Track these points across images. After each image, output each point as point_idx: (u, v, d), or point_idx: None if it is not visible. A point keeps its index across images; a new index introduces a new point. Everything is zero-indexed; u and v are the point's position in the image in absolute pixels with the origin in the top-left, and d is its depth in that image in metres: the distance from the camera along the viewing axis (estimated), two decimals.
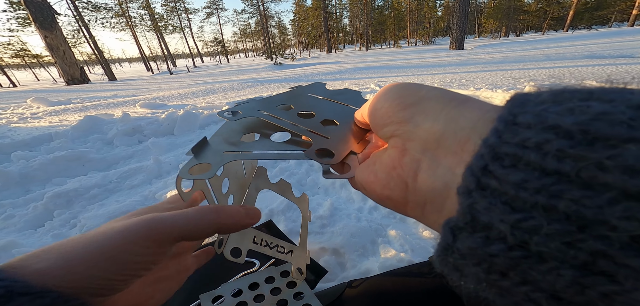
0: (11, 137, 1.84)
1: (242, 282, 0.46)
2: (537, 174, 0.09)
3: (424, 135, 0.14)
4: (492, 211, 0.10)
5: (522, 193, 0.09)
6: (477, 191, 0.11)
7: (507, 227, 0.10)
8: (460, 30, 9.55)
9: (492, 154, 0.10)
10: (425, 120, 0.14)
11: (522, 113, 0.10)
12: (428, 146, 0.14)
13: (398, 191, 0.16)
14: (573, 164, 0.09)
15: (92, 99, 4.31)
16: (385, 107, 0.17)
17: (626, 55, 4.12)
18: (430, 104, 0.15)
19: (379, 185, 0.17)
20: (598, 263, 0.08)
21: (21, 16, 18.37)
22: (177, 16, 30.96)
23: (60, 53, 8.95)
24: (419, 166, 0.15)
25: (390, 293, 0.39)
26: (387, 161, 0.17)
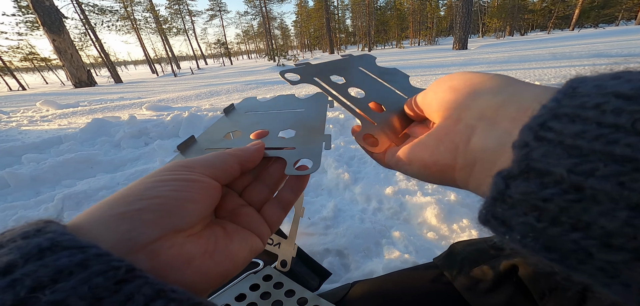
0: (22, 140, 1.89)
1: (244, 284, 0.46)
2: (594, 126, 0.10)
3: (483, 105, 0.15)
4: (549, 157, 0.11)
5: (579, 141, 0.10)
6: (534, 141, 0.11)
7: (564, 171, 0.10)
8: (463, 29, 9.48)
9: (551, 114, 0.11)
10: (487, 93, 0.15)
11: (582, 85, 0.11)
12: (485, 114, 0.15)
13: (447, 154, 0.16)
14: (629, 117, 0.09)
15: (99, 101, 4.38)
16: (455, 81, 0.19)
17: (634, 53, 4.05)
18: (496, 81, 0.16)
19: (427, 152, 0.18)
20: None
21: (30, 20, 18.76)
22: (181, 18, 31.29)
23: (68, 56, 9.11)
24: (473, 132, 0.15)
25: (394, 295, 0.39)
26: (439, 130, 0.18)
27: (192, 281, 0.15)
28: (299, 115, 0.30)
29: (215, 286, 0.17)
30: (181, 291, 0.13)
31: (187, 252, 0.16)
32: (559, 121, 0.11)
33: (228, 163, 0.21)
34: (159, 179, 0.17)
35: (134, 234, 0.14)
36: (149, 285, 0.12)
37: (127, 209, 0.15)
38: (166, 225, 0.15)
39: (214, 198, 0.19)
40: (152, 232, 0.15)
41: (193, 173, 0.18)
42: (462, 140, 0.16)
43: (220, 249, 0.18)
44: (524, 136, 0.12)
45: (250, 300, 0.44)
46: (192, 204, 0.17)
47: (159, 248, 0.15)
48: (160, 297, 0.12)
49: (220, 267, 0.17)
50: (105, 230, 0.14)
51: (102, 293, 0.11)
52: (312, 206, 0.89)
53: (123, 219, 0.14)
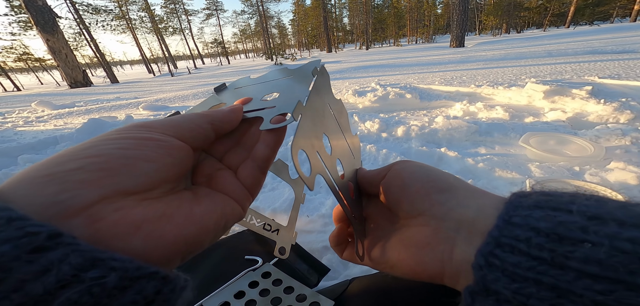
0: (17, 140, 1.87)
1: (243, 282, 0.46)
2: (526, 258, 0.13)
3: (458, 217, 0.18)
4: (499, 281, 0.14)
5: (518, 270, 0.13)
6: (486, 266, 0.14)
7: (510, 293, 0.13)
8: (460, 27, 9.51)
9: (495, 242, 0.15)
10: (459, 205, 0.18)
11: (515, 216, 0.15)
12: (462, 226, 0.17)
13: (435, 264, 0.18)
14: (549, 253, 0.13)
15: (95, 102, 4.34)
16: (417, 187, 0.20)
17: (628, 50, 4.09)
18: (461, 193, 0.19)
19: (413, 260, 0.19)
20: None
21: (22, 20, 18.50)
22: (177, 18, 31.03)
23: (63, 56, 9.01)
24: (454, 243, 0.17)
25: (393, 290, 0.39)
26: (420, 238, 0.19)
27: (143, 248, 0.13)
28: (287, 81, 0.29)
29: (177, 255, 0.15)
30: (126, 259, 0.12)
31: (136, 215, 0.14)
32: (502, 250, 0.14)
33: (197, 123, 0.19)
34: (105, 138, 0.15)
35: (65, 196, 0.12)
36: (79, 253, 0.11)
37: (57, 170, 0.12)
38: (109, 185, 0.13)
39: (180, 159, 0.17)
40: (89, 194, 0.12)
41: (150, 131, 0.16)
42: (446, 252, 0.17)
43: (182, 212, 0.16)
44: (479, 260, 0.15)
45: (249, 296, 0.44)
46: (145, 163, 0.15)
47: (100, 212, 0.12)
48: (96, 266, 0.11)
49: (181, 231, 0.15)
50: (28, 193, 0.12)
51: (8, 264, 0.10)
52: (311, 204, 0.90)
53: (51, 181, 0.12)
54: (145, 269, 0.12)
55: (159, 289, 0.13)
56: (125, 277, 0.11)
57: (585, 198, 0.14)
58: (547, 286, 0.12)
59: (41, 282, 0.10)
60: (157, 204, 0.15)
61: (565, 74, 2.89)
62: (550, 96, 1.88)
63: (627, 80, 2.13)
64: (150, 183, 0.15)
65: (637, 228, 0.12)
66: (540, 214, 0.14)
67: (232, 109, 0.21)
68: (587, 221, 0.13)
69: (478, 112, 1.85)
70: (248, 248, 0.56)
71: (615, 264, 0.11)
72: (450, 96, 2.37)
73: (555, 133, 1.32)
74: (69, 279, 0.10)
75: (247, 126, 0.22)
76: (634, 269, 0.11)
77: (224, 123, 0.20)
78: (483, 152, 1.31)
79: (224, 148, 0.22)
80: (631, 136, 1.23)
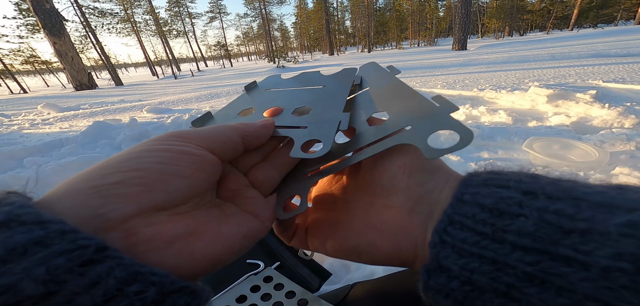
0: (23, 143, 1.90)
1: (244, 286, 0.47)
2: (472, 234, 0.14)
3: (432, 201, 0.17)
4: (449, 258, 0.14)
5: (464, 245, 0.14)
6: (440, 244, 0.15)
7: (458, 268, 0.14)
8: (462, 30, 9.50)
9: (448, 220, 0.15)
10: (434, 189, 0.18)
11: (466, 193, 0.15)
12: (435, 209, 0.17)
13: (410, 249, 0.18)
14: (490, 228, 0.13)
15: (100, 104, 4.40)
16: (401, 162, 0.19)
17: (633, 53, 4.06)
18: (440, 175, 0.18)
19: (387, 244, 0.18)
20: (511, 292, 0.12)
21: (30, 23, 18.84)
22: (181, 21, 31.40)
23: (69, 59, 9.14)
24: (427, 226, 0.17)
25: (394, 295, 0.39)
26: (395, 222, 0.18)
27: (175, 263, 0.14)
28: (319, 92, 0.27)
29: (203, 272, 0.15)
30: (163, 274, 0.12)
31: (170, 231, 0.14)
32: (453, 227, 0.15)
33: (228, 136, 0.19)
34: (145, 149, 0.15)
35: (106, 209, 0.12)
36: (123, 267, 0.11)
37: (101, 183, 0.13)
38: (145, 201, 0.13)
39: (211, 174, 0.17)
40: (127, 208, 0.13)
41: (187, 144, 0.16)
42: (420, 236, 0.17)
43: (210, 230, 0.16)
44: (434, 238, 0.15)
45: (250, 301, 0.44)
46: (180, 179, 0.15)
47: (135, 226, 0.13)
48: (138, 280, 0.11)
49: (209, 250, 0.15)
50: (74, 205, 0.12)
51: (63, 276, 0.10)
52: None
53: (96, 194, 0.13)
54: (178, 283, 0.13)
55: (189, 303, 0.13)
56: (162, 291, 0.12)
57: (524, 175, 0.15)
58: (488, 260, 0.13)
59: (90, 295, 0.10)
60: (187, 219, 0.15)
61: (569, 78, 2.87)
62: (554, 100, 1.87)
63: (632, 84, 2.11)
64: (182, 199, 0.15)
65: (562, 201, 0.12)
66: (486, 191, 0.14)
67: (263, 125, 0.21)
68: (523, 196, 0.13)
69: (481, 116, 1.85)
70: (249, 252, 0.57)
71: (542, 235, 0.12)
72: (453, 99, 2.37)
73: (559, 138, 1.31)
74: (114, 292, 0.11)
75: (275, 142, 0.22)
76: (557, 239, 0.12)
77: (255, 139, 0.20)
78: (486, 156, 1.30)
79: (250, 162, 0.21)
80: (636, 141, 1.22)
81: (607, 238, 0.11)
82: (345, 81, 0.28)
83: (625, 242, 0.11)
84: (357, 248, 0.19)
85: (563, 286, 0.11)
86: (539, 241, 0.12)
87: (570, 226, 0.12)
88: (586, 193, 0.13)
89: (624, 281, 0.10)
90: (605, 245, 0.11)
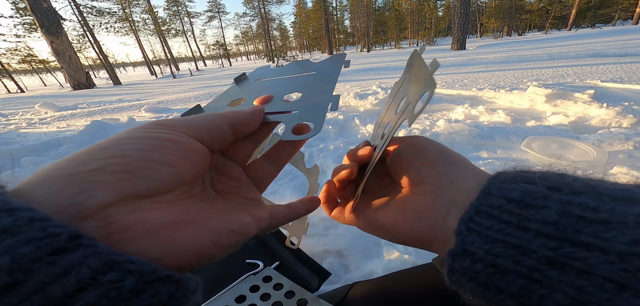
0: (21, 142, 1.88)
1: (244, 286, 0.47)
2: (497, 222, 0.15)
3: (456, 189, 0.19)
4: (474, 243, 0.16)
5: (490, 232, 0.15)
6: (466, 231, 0.16)
7: (482, 252, 0.15)
8: (461, 30, 9.52)
9: (475, 210, 0.16)
10: (458, 179, 0.20)
11: (493, 187, 0.17)
12: (458, 197, 0.19)
13: (428, 230, 0.19)
14: (516, 217, 0.15)
15: (98, 103, 4.38)
16: (428, 157, 0.22)
17: (631, 53, 4.08)
18: (463, 169, 0.20)
19: (408, 224, 0.20)
20: (533, 275, 0.13)
21: (27, 22, 18.71)
22: (180, 20, 31.29)
23: (66, 58, 9.09)
24: (449, 213, 0.19)
25: (394, 295, 0.39)
26: (420, 205, 0.20)
27: (159, 253, 0.13)
28: (309, 78, 0.27)
29: (189, 265, 0.15)
30: (143, 262, 0.12)
31: (153, 219, 0.13)
32: (479, 216, 0.16)
33: (216, 123, 0.18)
34: (127, 136, 0.15)
35: (82, 197, 0.12)
36: (98, 255, 0.11)
37: (79, 170, 0.12)
38: (126, 188, 0.13)
39: (198, 163, 0.17)
40: (105, 196, 0.12)
41: (171, 132, 0.16)
42: (440, 219, 0.19)
43: (199, 222, 0.15)
44: (461, 226, 0.17)
45: (250, 301, 0.44)
46: (164, 166, 0.14)
47: (114, 214, 0.12)
48: (114, 269, 0.11)
49: (196, 241, 0.15)
50: (49, 193, 0.12)
51: (30, 265, 0.09)
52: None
53: (72, 181, 0.12)
54: (161, 272, 0.12)
55: (173, 293, 0.13)
56: (141, 281, 0.11)
57: (552, 173, 0.16)
58: (512, 245, 0.14)
59: (61, 284, 0.10)
60: (173, 208, 0.15)
61: (567, 78, 2.88)
62: (553, 100, 1.87)
63: (630, 84, 2.12)
64: (166, 187, 0.15)
65: (586, 196, 0.14)
66: (513, 185, 0.16)
67: (253, 112, 0.20)
68: (548, 190, 0.15)
69: (480, 116, 1.85)
70: (249, 252, 0.57)
71: (565, 224, 0.13)
72: (452, 99, 2.37)
73: (558, 137, 1.32)
74: (88, 282, 0.10)
75: (266, 129, 0.22)
76: (579, 228, 0.13)
77: (244, 126, 0.20)
78: (485, 156, 1.31)
79: (245, 152, 0.21)
80: (634, 141, 1.22)
81: (625, 226, 0.12)
82: (336, 65, 0.29)
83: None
84: (383, 225, 0.21)
85: (582, 269, 0.12)
86: (561, 230, 0.13)
87: (593, 217, 0.13)
88: (609, 189, 0.14)
89: (638, 263, 0.11)
90: (623, 233, 0.12)
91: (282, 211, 0.22)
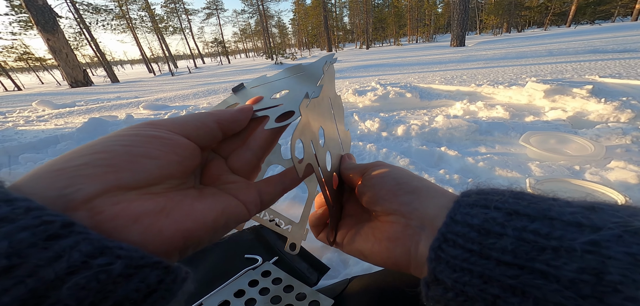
0: (18, 140, 1.87)
1: (243, 280, 0.47)
2: (461, 251, 0.16)
3: (421, 216, 0.20)
4: (443, 272, 0.16)
5: (456, 261, 0.16)
6: (435, 260, 0.17)
7: (451, 281, 0.16)
8: (461, 26, 9.49)
9: (443, 238, 0.17)
10: (421, 205, 0.21)
11: (458, 214, 0.17)
12: (425, 223, 0.20)
13: (403, 256, 0.20)
14: (478, 246, 0.15)
15: (95, 101, 4.35)
16: (386, 190, 0.22)
17: (629, 49, 4.08)
18: (423, 194, 0.21)
19: (385, 252, 0.21)
20: (497, 302, 0.14)
21: (23, 19, 18.51)
22: (177, 17, 31.02)
23: (63, 56, 9.02)
24: (420, 238, 0.19)
25: (392, 289, 0.40)
26: (392, 233, 0.21)
27: (141, 240, 0.14)
28: (297, 77, 0.29)
29: (174, 249, 0.15)
30: (132, 248, 0.12)
31: (136, 209, 0.14)
32: (447, 244, 0.16)
33: (203, 121, 0.19)
34: (114, 134, 0.16)
35: (70, 190, 0.13)
36: (89, 241, 0.11)
37: (67, 165, 0.13)
38: (111, 181, 0.14)
39: (185, 158, 0.17)
40: (91, 187, 0.13)
41: (157, 129, 0.17)
42: (413, 246, 0.20)
43: (182, 208, 0.16)
44: (430, 255, 0.17)
45: (249, 295, 0.44)
46: (148, 159, 0.15)
47: (101, 205, 0.13)
48: (104, 254, 0.11)
49: (179, 225, 0.15)
50: (40, 187, 0.13)
51: (26, 250, 0.10)
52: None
53: (61, 176, 0.13)
54: (149, 258, 0.13)
55: (162, 278, 0.13)
56: (130, 265, 0.12)
57: (509, 194, 0.16)
58: (477, 274, 0.15)
59: (53, 268, 0.10)
60: (158, 198, 0.15)
61: (565, 73, 2.88)
62: (551, 95, 1.87)
63: (628, 79, 2.12)
64: (152, 179, 0.15)
65: (540, 221, 0.14)
66: (474, 211, 0.16)
67: (240, 109, 0.21)
68: (504, 217, 0.15)
69: (478, 112, 1.85)
70: (248, 247, 0.57)
71: (521, 252, 0.14)
72: (451, 95, 2.37)
73: (556, 132, 1.32)
74: (79, 265, 0.11)
75: (255, 125, 0.22)
76: (533, 256, 0.13)
77: (232, 123, 0.20)
78: (483, 151, 1.31)
79: (232, 148, 0.22)
80: (632, 135, 1.23)
81: (573, 254, 0.13)
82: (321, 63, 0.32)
83: (588, 258, 0.12)
84: (363, 251, 0.23)
85: (539, 297, 0.13)
86: (518, 258, 0.14)
87: (544, 244, 0.13)
88: (560, 212, 0.14)
89: (586, 291, 0.12)
90: (572, 261, 0.13)
91: (273, 181, 0.22)
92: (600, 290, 0.12)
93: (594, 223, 0.13)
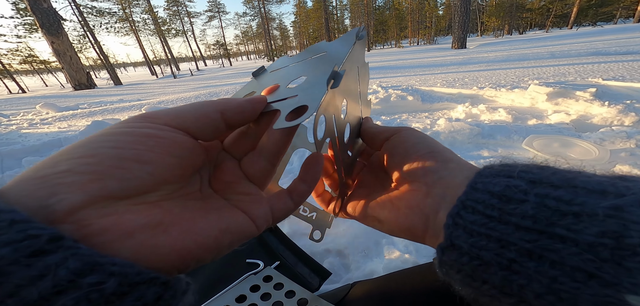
0: (22, 143, 1.89)
1: (244, 285, 0.46)
2: (481, 217, 0.16)
3: (446, 186, 0.20)
4: (460, 237, 0.16)
5: (474, 227, 0.16)
6: (453, 225, 0.17)
7: (467, 246, 0.16)
8: (462, 29, 9.49)
9: (462, 205, 0.17)
10: (448, 176, 0.20)
11: (478, 182, 0.17)
12: (448, 192, 0.19)
13: (420, 223, 0.20)
14: (498, 211, 0.15)
15: (98, 104, 4.38)
16: (418, 156, 0.22)
17: (632, 51, 4.06)
18: (452, 166, 0.21)
19: (402, 219, 0.21)
20: (513, 266, 0.14)
21: (28, 22, 18.75)
22: (180, 20, 31.31)
23: (67, 58, 9.11)
24: (440, 207, 0.19)
25: (394, 294, 0.39)
26: (412, 201, 0.21)
27: (134, 258, 0.12)
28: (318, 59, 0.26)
29: (171, 268, 0.14)
30: (126, 264, 0.11)
31: (128, 222, 0.12)
32: (465, 211, 0.17)
33: (203, 111, 0.17)
34: (103, 133, 0.14)
35: (52, 200, 0.11)
36: (79, 257, 0.10)
37: (50, 172, 0.12)
38: (94, 190, 0.12)
39: (184, 158, 0.15)
40: (73, 198, 0.11)
41: (151, 125, 0.15)
42: (432, 213, 0.19)
43: (182, 223, 0.14)
44: (448, 221, 0.17)
45: (250, 300, 0.44)
46: (138, 164, 0.13)
47: (86, 217, 0.12)
48: (95, 271, 0.10)
49: (177, 244, 0.13)
50: (22, 195, 0.11)
51: (7, 268, 0.09)
52: None
53: (43, 183, 0.11)
54: (146, 274, 0.12)
55: (160, 295, 0.12)
56: (124, 283, 0.11)
57: (534, 166, 0.17)
58: (494, 239, 0.15)
59: (36, 287, 0.09)
60: (154, 209, 0.14)
61: (568, 76, 2.87)
62: (554, 98, 1.86)
63: (632, 82, 2.11)
64: (144, 187, 0.14)
65: (563, 189, 0.14)
66: (497, 180, 0.16)
67: (249, 100, 0.18)
68: (528, 184, 0.15)
69: (480, 115, 1.84)
70: (249, 252, 0.56)
71: (542, 218, 0.14)
72: (453, 98, 2.36)
73: (559, 136, 1.31)
74: (66, 284, 0.10)
75: (267, 120, 0.20)
76: (554, 221, 0.13)
77: (237, 114, 0.17)
78: (486, 154, 1.30)
79: (244, 148, 0.20)
80: (636, 139, 1.22)
81: (594, 218, 0.13)
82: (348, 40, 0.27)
83: (610, 222, 0.12)
84: (379, 218, 0.23)
85: (556, 260, 0.13)
86: (538, 223, 0.14)
87: (566, 210, 0.13)
88: (585, 182, 0.14)
89: (605, 254, 0.12)
90: (593, 225, 0.13)
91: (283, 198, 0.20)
92: (620, 253, 0.12)
93: (619, 191, 0.13)
